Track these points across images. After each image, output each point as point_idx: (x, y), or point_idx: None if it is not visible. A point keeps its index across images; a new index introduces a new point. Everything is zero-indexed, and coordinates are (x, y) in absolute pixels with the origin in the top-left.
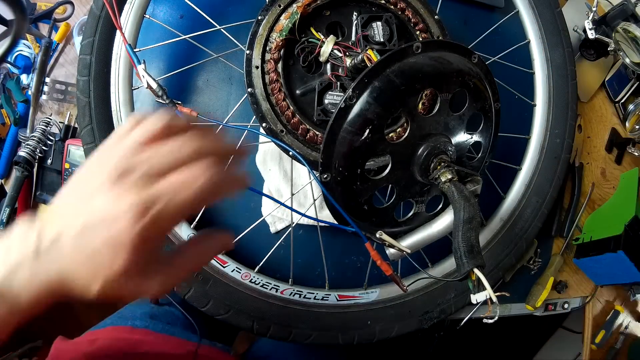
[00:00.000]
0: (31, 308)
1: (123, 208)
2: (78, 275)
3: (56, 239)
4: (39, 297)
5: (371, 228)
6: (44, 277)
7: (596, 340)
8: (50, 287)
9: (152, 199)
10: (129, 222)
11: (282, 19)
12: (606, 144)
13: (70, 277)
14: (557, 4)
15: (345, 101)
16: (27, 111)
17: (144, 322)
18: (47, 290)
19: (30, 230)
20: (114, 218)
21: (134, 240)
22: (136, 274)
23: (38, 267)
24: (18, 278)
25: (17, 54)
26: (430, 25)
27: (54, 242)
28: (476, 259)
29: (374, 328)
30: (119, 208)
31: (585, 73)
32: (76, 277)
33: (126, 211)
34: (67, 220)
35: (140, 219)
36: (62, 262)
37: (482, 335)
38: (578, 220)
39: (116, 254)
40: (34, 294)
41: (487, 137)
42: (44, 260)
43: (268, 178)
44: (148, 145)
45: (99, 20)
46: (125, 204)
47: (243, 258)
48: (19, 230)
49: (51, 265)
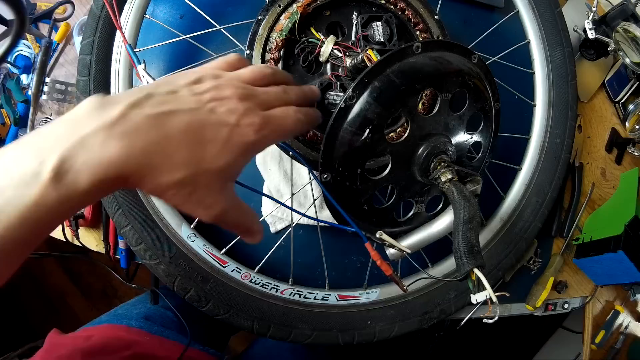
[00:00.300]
0: (89, 193)
1: (248, 121)
2: (163, 160)
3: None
4: (104, 178)
5: (371, 228)
6: (116, 154)
7: (596, 340)
8: (119, 167)
9: (266, 121)
10: (249, 131)
11: (282, 19)
12: (606, 144)
13: (151, 160)
14: (557, 4)
15: (345, 101)
16: (27, 111)
17: (139, 323)
18: (115, 170)
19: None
20: (236, 124)
21: (246, 147)
22: (220, 182)
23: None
24: (86, 152)
25: (17, 54)
26: (430, 25)
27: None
28: (476, 259)
29: (374, 328)
30: (245, 119)
31: (585, 73)
32: (159, 161)
33: (250, 124)
34: (174, 106)
35: (257, 132)
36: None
37: (482, 335)
38: (578, 220)
39: (223, 152)
40: (99, 173)
41: (487, 137)
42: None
43: (268, 178)
44: (260, 82)
45: (99, 20)
46: (250, 118)
47: (243, 258)
48: (90, 104)
49: (133, 143)
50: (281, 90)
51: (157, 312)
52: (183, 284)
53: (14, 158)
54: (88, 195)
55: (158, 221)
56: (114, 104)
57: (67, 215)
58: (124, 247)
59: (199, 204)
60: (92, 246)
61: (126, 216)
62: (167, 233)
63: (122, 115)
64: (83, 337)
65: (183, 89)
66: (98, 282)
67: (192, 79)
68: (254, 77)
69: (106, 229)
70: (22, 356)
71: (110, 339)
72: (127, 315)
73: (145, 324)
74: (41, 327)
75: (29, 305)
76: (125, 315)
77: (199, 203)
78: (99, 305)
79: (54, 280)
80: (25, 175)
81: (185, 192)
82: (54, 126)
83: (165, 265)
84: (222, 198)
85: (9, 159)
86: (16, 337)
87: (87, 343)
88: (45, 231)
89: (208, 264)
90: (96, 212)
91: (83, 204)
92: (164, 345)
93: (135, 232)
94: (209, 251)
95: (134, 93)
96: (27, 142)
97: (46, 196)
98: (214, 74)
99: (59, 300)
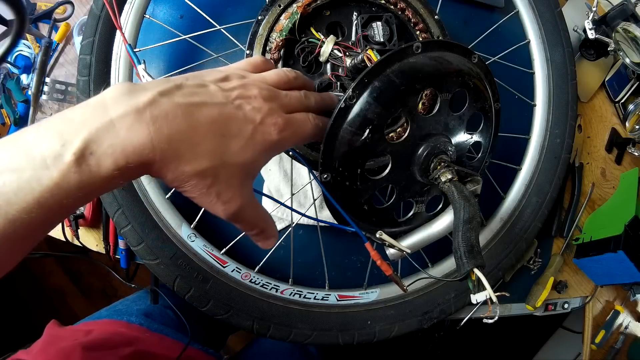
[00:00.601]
0: (111, 178)
1: (272, 121)
2: (188, 149)
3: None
4: (128, 164)
5: (371, 228)
6: (143, 139)
7: (596, 340)
8: (144, 153)
9: (288, 123)
10: (273, 130)
11: (282, 19)
12: (606, 144)
13: (176, 148)
14: (557, 4)
15: (345, 101)
16: (27, 111)
17: (139, 320)
18: (140, 155)
19: (143, 91)
20: (261, 122)
21: (268, 145)
22: (241, 178)
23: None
24: (112, 137)
25: (17, 54)
26: (430, 25)
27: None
28: (476, 259)
29: (373, 328)
30: (269, 119)
31: (585, 73)
32: (184, 149)
33: (274, 124)
34: (204, 98)
35: (280, 133)
36: (175, 130)
37: (482, 335)
38: (578, 220)
39: (246, 148)
40: (124, 158)
41: (487, 137)
42: (154, 121)
43: (268, 178)
44: (283, 85)
45: (99, 20)
46: (273, 118)
47: (243, 258)
48: (119, 89)
49: (161, 129)
50: (303, 96)
51: (157, 310)
52: (183, 283)
53: (35, 139)
54: (109, 181)
55: (158, 221)
56: (144, 90)
57: (86, 201)
58: (124, 247)
59: (218, 198)
60: (92, 246)
61: (126, 216)
62: (167, 233)
63: (151, 101)
64: (83, 331)
65: (211, 84)
66: (98, 282)
67: (220, 76)
68: (279, 80)
69: (106, 229)
70: None
71: (110, 334)
72: (127, 312)
73: (146, 320)
74: (41, 327)
75: (28, 305)
76: (125, 311)
77: (218, 197)
78: (99, 306)
79: (54, 280)
80: (46, 156)
81: (205, 183)
82: (79, 109)
83: (165, 265)
84: (241, 194)
85: (29, 140)
86: (16, 337)
87: (87, 337)
88: (60, 216)
89: (208, 264)
90: (96, 212)
91: (103, 190)
92: (163, 343)
93: (135, 232)
94: (209, 251)
95: (162, 82)
96: (50, 123)
97: (67, 179)
98: (240, 74)
99: (59, 300)
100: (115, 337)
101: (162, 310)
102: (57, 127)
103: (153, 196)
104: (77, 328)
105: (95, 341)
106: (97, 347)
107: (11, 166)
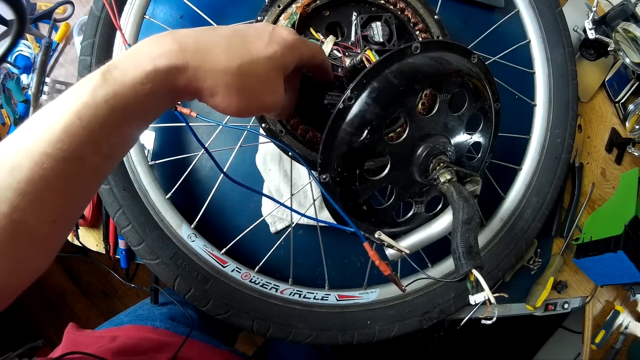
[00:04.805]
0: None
1: (284, 30)
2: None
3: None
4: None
5: (370, 228)
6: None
7: (596, 340)
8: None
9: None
10: (288, 33)
11: (281, 20)
12: (606, 144)
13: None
14: (558, 4)
15: (344, 102)
16: (27, 111)
17: (165, 324)
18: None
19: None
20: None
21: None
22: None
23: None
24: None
25: (17, 54)
26: (430, 25)
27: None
28: (475, 260)
29: (373, 328)
30: (281, 29)
31: (585, 73)
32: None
33: (288, 31)
34: None
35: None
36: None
37: (482, 335)
38: (578, 220)
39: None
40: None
41: (487, 137)
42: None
43: (268, 178)
44: None
45: (99, 21)
46: (285, 29)
47: (243, 258)
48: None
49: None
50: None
51: (180, 312)
52: (183, 283)
53: (86, 78)
54: (137, 89)
55: (158, 221)
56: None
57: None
58: (124, 247)
59: (266, 89)
60: (92, 246)
61: (127, 216)
62: (167, 233)
63: (174, 31)
64: (107, 337)
65: None
66: (98, 282)
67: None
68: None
69: (106, 229)
70: (22, 356)
71: (139, 340)
72: (150, 316)
73: (171, 325)
74: (41, 327)
75: (28, 305)
76: (148, 316)
77: (265, 89)
78: (99, 305)
79: (54, 280)
80: (84, 84)
81: (246, 80)
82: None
83: (166, 265)
84: (280, 85)
85: (78, 83)
86: (16, 337)
87: (114, 343)
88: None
89: (208, 264)
90: (96, 212)
91: (134, 99)
92: (194, 347)
93: (135, 232)
94: (209, 251)
95: None
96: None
97: (94, 96)
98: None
99: (59, 300)
100: (144, 343)
101: (184, 312)
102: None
103: (153, 196)
104: (100, 334)
105: (124, 347)
106: (128, 352)
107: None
